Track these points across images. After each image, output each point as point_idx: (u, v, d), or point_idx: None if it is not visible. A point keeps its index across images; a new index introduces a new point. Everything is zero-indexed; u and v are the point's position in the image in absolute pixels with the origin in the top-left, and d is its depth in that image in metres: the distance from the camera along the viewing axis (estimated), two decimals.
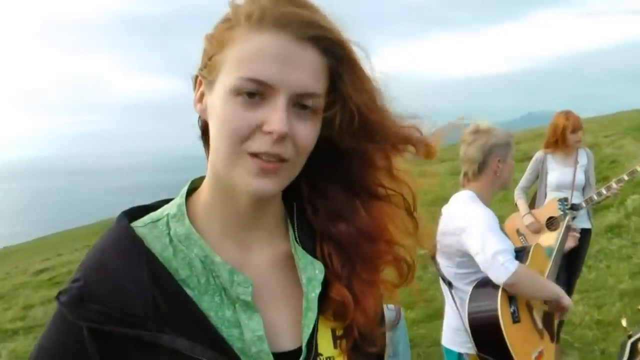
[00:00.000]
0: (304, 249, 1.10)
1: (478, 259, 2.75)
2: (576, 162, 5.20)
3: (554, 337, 3.11)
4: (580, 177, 5.21)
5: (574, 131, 5.11)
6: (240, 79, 0.92)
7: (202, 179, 1.10)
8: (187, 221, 1.03)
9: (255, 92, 0.93)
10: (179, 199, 1.08)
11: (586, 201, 4.88)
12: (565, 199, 4.42)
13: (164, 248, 1.00)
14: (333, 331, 1.09)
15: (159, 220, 1.04)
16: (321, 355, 1.06)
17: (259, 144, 0.93)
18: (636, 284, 6.78)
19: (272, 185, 0.96)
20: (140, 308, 0.92)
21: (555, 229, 4.86)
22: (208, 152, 1.07)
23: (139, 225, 1.03)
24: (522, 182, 5.42)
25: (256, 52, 0.93)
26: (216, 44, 0.99)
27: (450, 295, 3.04)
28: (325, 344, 1.08)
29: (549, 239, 4.65)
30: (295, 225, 1.13)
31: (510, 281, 2.65)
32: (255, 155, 0.94)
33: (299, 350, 1.04)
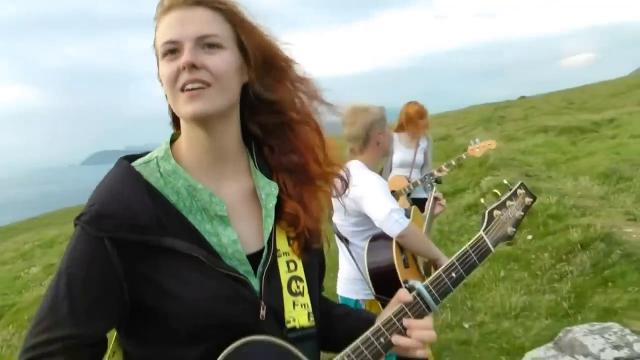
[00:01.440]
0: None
1: (374, 217, 3.15)
2: (417, 145, 5.93)
3: None
4: (420, 158, 5.97)
5: (421, 117, 5.89)
6: (162, 45, 1.28)
7: (179, 133, 1.41)
8: (173, 160, 1.33)
9: (172, 50, 1.27)
10: (164, 145, 1.38)
11: (423, 179, 5.48)
12: (432, 174, 5.07)
13: (156, 180, 1.30)
14: (289, 234, 1.43)
15: (149, 161, 1.34)
16: (279, 250, 1.39)
17: (183, 78, 1.25)
18: (495, 250, 7.47)
19: (202, 105, 1.26)
20: (145, 220, 1.22)
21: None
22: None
23: (135, 164, 1.32)
24: None
25: (166, 25, 1.29)
26: (154, 35, 1.34)
27: (347, 250, 3.39)
28: (281, 243, 1.41)
29: None
30: (255, 158, 1.44)
31: (403, 234, 3.08)
32: (183, 89, 1.26)
33: (262, 250, 1.37)
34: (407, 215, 3.36)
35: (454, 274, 1.55)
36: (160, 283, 1.22)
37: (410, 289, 1.49)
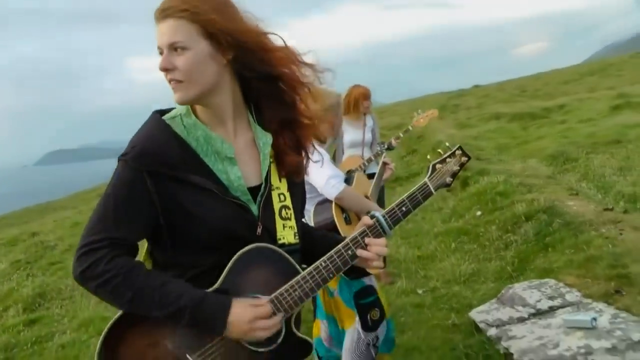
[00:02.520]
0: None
1: (316, 184, 3.56)
2: (364, 125, 6.34)
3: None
4: (368, 136, 6.43)
5: (365, 99, 6.34)
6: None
7: None
8: (193, 116, 1.77)
9: (161, 53, 1.69)
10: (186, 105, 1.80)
11: (376, 153, 5.88)
12: (382, 143, 5.53)
13: (181, 131, 1.73)
14: (279, 172, 1.87)
15: (175, 117, 1.77)
16: (273, 185, 1.84)
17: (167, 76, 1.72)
18: (447, 227, 7.94)
19: (180, 95, 1.70)
20: (174, 159, 1.67)
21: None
22: None
23: (165, 118, 1.76)
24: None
25: (156, 34, 1.70)
26: None
27: None
28: (275, 180, 1.85)
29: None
30: (254, 116, 1.87)
31: (339, 197, 3.53)
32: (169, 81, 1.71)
33: (260, 185, 1.81)
34: (350, 182, 3.78)
35: (404, 208, 1.96)
36: (184, 207, 1.67)
37: (372, 217, 1.90)
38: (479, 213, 7.99)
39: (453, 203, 8.99)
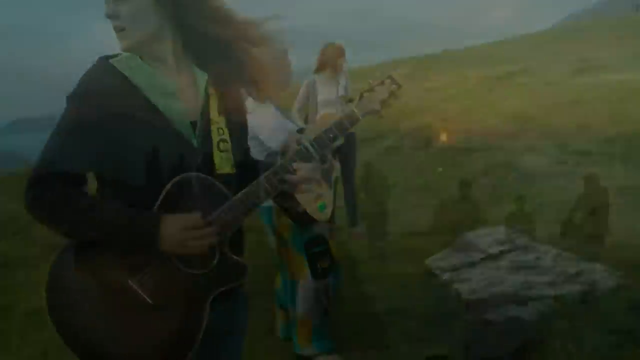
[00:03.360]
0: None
1: (262, 135, 3.63)
2: (338, 83, 6.33)
3: (332, 186, 4.08)
4: (342, 93, 6.36)
5: (339, 56, 6.30)
6: None
7: None
8: (138, 59, 1.83)
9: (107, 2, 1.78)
10: None
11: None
12: (352, 100, 5.59)
13: (126, 70, 1.80)
14: (219, 110, 1.94)
15: (121, 59, 1.83)
16: (212, 120, 1.91)
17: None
18: (409, 184, 8.15)
19: (123, 43, 1.80)
20: (119, 96, 1.75)
21: None
22: None
23: (112, 60, 1.83)
24: (298, 104, 6.31)
25: None
26: None
27: None
28: (214, 116, 1.92)
29: None
30: (195, 59, 1.95)
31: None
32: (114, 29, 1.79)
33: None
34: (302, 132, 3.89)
35: (331, 135, 1.99)
36: (128, 140, 1.74)
37: (298, 144, 1.95)
38: (440, 169, 8.19)
39: (416, 162, 9.18)
